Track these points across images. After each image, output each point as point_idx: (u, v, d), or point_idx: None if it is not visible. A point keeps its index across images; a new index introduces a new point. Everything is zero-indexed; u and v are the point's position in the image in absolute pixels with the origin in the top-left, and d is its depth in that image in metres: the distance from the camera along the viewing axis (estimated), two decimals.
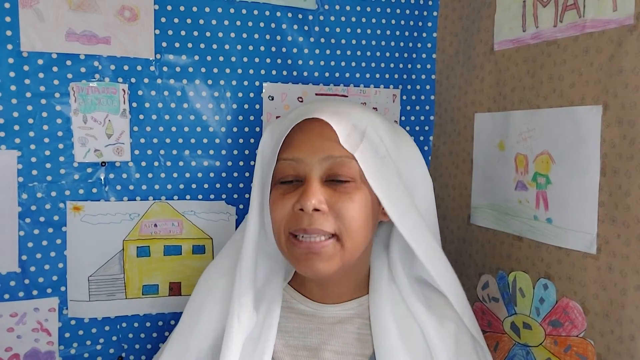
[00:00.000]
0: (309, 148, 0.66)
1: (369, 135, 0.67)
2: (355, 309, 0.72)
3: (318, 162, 0.65)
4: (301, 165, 0.66)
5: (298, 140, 0.67)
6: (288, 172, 0.67)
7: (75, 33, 0.85)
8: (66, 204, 0.87)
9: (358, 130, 0.66)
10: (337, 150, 0.65)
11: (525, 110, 0.84)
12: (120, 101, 0.89)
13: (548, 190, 0.79)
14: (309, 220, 0.64)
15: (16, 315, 0.86)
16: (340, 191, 0.65)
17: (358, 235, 0.66)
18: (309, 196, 0.63)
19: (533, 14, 0.82)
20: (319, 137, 0.66)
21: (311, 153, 0.65)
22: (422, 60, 1.07)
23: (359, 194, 0.66)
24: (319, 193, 0.64)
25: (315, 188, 0.64)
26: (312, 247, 0.65)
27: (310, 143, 0.66)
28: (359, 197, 0.66)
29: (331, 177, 0.66)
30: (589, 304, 0.73)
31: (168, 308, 0.95)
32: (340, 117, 0.66)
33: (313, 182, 0.65)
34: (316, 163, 0.65)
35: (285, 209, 0.66)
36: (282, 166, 0.67)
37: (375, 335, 0.68)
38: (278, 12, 0.97)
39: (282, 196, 0.67)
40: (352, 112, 0.69)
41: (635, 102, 0.67)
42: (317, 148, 0.65)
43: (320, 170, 0.66)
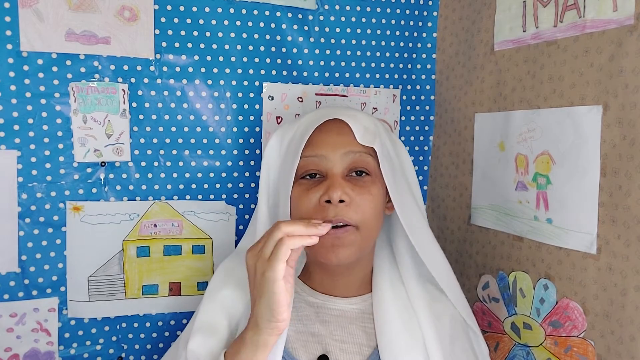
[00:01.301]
0: (331, 145, 0.72)
1: (380, 134, 0.75)
2: (360, 305, 0.76)
3: (340, 157, 0.72)
4: (323, 161, 0.72)
5: (319, 139, 0.72)
6: (311, 167, 0.72)
7: (75, 33, 0.85)
8: (66, 204, 0.87)
9: (371, 130, 0.73)
10: (356, 146, 0.72)
11: (526, 111, 0.84)
12: (120, 101, 0.89)
13: (548, 191, 0.79)
14: (334, 211, 0.69)
15: (16, 316, 0.86)
16: (359, 185, 0.72)
17: (373, 226, 0.73)
18: (336, 188, 0.69)
19: (533, 14, 0.82)
20: (339, 135, 0.72)
21: (333, 149, 0.72)
22: (422, 60, 1.07)
23: (375, 187, 0.73)
24: (343, 185, 0.70)
25: (340, 181, 0.70)
26: (337, 236, 0.70)
27: (332, 140, 0.72)
28: (375, 190, 0.73)
29: (352, 170, 0.72)
30: (589, 305, 0.73)
31: (168, 308, 0.95)
32: (354, 119, 0.73)
33: (337, 175, 0.71)
34: (338, 159, 0.72)
35: (311, 202, 0.71)
36: (305, 162, 0.72)
37: (377, 327, 0.72)
38: (278, 12, 0.97)
39: (306, 191, 0.72)
40: (361, 116, 0.76)
41: (635, 103, 0.66)
42: (338, 144, 0.72)
43: (342, 166, 0.72)
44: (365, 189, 0.71)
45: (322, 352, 0.70)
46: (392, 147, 0.78)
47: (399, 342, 0.70)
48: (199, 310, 0.75)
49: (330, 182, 0.70)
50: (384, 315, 0.73)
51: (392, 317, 0.73)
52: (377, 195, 0.73)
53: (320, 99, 1.01)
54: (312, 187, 0.71)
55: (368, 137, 0.71)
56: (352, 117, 0.73)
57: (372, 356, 0.70)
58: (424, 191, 1.10)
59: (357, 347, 0.71)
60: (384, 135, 0.77)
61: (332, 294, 0.76)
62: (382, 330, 0.72)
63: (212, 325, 0.72)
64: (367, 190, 0.72)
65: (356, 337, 0.72)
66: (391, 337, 0.71)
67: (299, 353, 0.70)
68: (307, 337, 0.72)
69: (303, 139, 0.72)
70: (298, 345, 0.71)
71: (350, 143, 0.72)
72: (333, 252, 0.71)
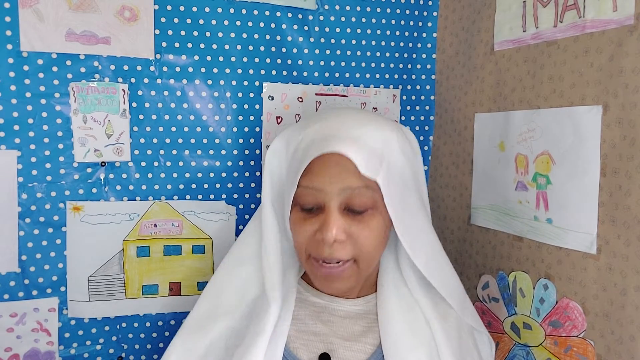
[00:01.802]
0: (328, 178, 0.67)
1: (387, 157, 0.68)
2: (364, 305, 0.75)
3: (337, 192, 0.67)
4: (321, 194, 0.67)
5: (317, 168, 0.68)
6: (308, 199, 0.68)
7: (75, 33, 0.85)
8: (66, 204, 0.87)
9: (376, 154, 0.67)
10: (355, 181, 0.66)
11: (526, 111, 0.84)
12: (120, 101, 0.89)
13: (548, 191, 0.79)
14: (329, 250, 0.67)
15: (16, 316, 0.86)
16: (358, 220, 0.68)
17: (373, 258, 0.71)
18: (330, 228, 0.66)
19: (533, 14, 0.82)
20: (337, 167, 0.67)
21: (330, 183, 0.67)
22: (422, 60, 1.07)
23: (375, 220, 0.69)
24: (338, 224, 0.66)
25: (335, 219, 0.66)
26: (332, 272, 0.69)
27: (329, 173, 0.67)
28: (375, 223, 0.69)
29: (349, 207, 0.68)
30: (589, 305, 0.73)
31: (168, 308, 0.95)
32: (357, 144, 0.66)
33: (332, 212, 0.67)
34: (335, 194, 0.67)
35: (306, 234, 0.69)
36: (302, 193, 0.69)
37: (381, 325, 0.72)
38: (278, 12, 0.97)
39: (303, 221, 0.69)
40: (368, 132, 0.69)
41: (635, 103, 0.67)
42: (335, 179, 0.67)
43: (338, 200, 0.67)
44: (364, 224, 0.68)
45: (324, 350, 0.70)
46: (405, 161, 0.72)
47: (403, 341, 0.70)
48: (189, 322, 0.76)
49: (325, 219, 0.67)
50: (388, 315, 0.73)
51: (396, 316, 0.72)
52: (377, 228, 0.69)
53: (320, 99, 1.01)
54: (309, 218, 0.69)
55: (372, 166, 0.65)
56: (355, 144, 0.66)
57: (375, 354, 0.70)
58: None
59: (361, 345, 0.71)
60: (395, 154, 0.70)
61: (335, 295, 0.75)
62: (387, 329, 0.71)
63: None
64: (366, 225, 0.68)
65: (359, 336, 0.72)
66: (395, 337, 0.71)
67: (300, 352, 0.70)
68: (309, 336, 0.72)
69: (300, 168, 0.67)
70: (299, 344, 0.71)
71: (349, 177, 0.66)
72: (327, 285, 0.71)
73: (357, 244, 0.68)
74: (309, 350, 0.70)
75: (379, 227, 0.69)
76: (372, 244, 0.69)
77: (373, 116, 0.73)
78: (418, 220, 0.72)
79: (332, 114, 0.73)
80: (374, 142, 0.68)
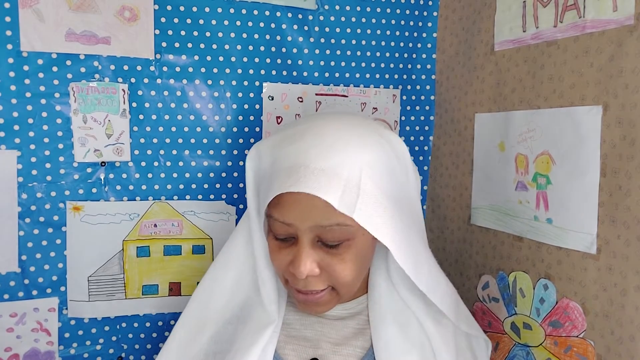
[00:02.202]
0: (298, 214, 0.63)
1: (365, 185, 0.62)
2: (355, 308, 0.74)
3: (308, 229, 0.63)
4: (292, 228, 0.64)
5: (286, 202, 0.63)
6: (280, 232, 0.66)
7: (75, 33, 0.85)
8: (66, 204, 0.87)
9: (352, 185, 0.61)
10: (326, 219, 0.62)
11: (526, 111, 0.84)
12: (120, 101, 0.89)
13: (548, 191, 0.79)
14: (303, 283, 0.66)
15: (16, 316, 0.86)
16: (332, 253, 0.65)
17: (353, 284, 0.69)
18: (300, 266, 0.63)
19: (533, 14, 0.82)
20: (308, 203, 0.62)
21: (300, 220, 0.63)
22: (422, 60, 1.07)
23: (351, 251, 0.65)
24: (310, 260, 0.64)
25: (306, 255, 0.64)
26: (309, 298, 0.68)
27: (299, 209, 0.62)
28: (351, 254, 0.65)
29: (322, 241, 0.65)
30: (589, 305, 0.73)
31: (168, 308, 0.95)
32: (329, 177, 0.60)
33: (304, 248, 0.64)
34: (306, 229, 0.63)
35: (282, 262, 0.67)
36: (274, 225, 0.66)
37: (373, 328, 0.71)
38: (278, 12, 0.97)
39: (278, 250, 0.67)
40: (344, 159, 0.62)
41: (635, 103, 0.67)
42: (306, 215, 0.62)
43: (310, 235, 0.64)
44: (339, 257, 0.64)
45: (314, 355, 0.70)
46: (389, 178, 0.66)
47: (395, 344, 0.69)
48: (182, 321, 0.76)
49: (297, 254, 0.64)
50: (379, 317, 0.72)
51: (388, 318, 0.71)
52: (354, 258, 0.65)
53: (320, 99, 1.01)
54: (283, 247, 0.66)
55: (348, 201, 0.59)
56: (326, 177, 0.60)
57: (365, 357, 0.70)
58: (423, 191, 1.10)
59: (351, 349, 0.70)
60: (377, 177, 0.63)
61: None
62: (378, 332, 0.70)
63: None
64: (340, 258, 0.64)
65: (350, 339, 0.71)
66: (387, 339, 0.70)
67: (289, 358, 0.70)
68: (298, 341, 0.71)
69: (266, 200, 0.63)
70: (289, 349, 0.71)
71: (320, 215, 0.62)
72: (307, 309, 0.70)
73: (333, 276, 0.65)
74: (299, 356, 0.70)
75: (355, 256, 0.66)
76: (349, 275, 0.66)
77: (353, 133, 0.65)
78: (411, 237, 0.67)
79: (305, 132, 0.66)
80: (350, 171, 0.61)
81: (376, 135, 0.67)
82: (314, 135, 0.65)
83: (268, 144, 0.69)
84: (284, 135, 0.68)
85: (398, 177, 0.68)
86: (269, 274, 0.72)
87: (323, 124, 0.67)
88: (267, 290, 0.71)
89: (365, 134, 0.66)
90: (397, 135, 0.71)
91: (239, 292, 0.75)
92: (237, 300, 0.75)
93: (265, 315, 0.71)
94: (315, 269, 0.64)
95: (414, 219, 0.70)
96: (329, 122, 0.67)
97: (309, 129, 0.66)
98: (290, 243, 0.66)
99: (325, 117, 0.70)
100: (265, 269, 0.72)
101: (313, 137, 0.64)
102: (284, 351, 0.70)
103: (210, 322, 0.74)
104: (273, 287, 0.72)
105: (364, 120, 0.71)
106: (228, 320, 0.74)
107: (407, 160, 0.71)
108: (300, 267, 0.63)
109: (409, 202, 0.70)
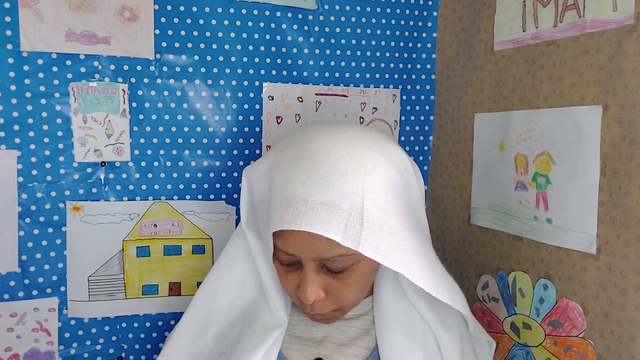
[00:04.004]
0: (300, 248, 0.62)
1: (368, 214, 0.59)
2: (361, 309, 0.75)
3: (312, 259, 0.63)
4: (296, 257, 0.64)
5: (289, 235, 0.62)
6: (285, 259, 0.66)
7: (75, 33, 0.85)
8: (66, 204, 0.87)
9: (354, 216, 0.59)
10: (329, 252, 0.61)
11: (525, 111, 0.84)
12: (120, 101, 0.89)
13: (548, 191, 0.79)
14: (310, 307, 0.67)
15: (16, 315, 0.86)
16: (337, 278, 0.65)
17: (357, 302, 0.71)
18: (307, 293, 0.64)
19: (533, 14, 0.82)
20: (310, 238, 0.60)
21: (303, 252, 0.62)
22: (422, 60, 1.07)
23: (356, 274, 0.65)
24: (315, 286, 0.64)
25: (311, 282, 0.64)
26: (315, 317, 0.69)
27: (301, 243, 0.61)
28: (355, 277, 0.65)
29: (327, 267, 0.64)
30: (588, 305, 0.73)
31: (168, 308, 0.95)
32: (331, 211, 0.58)
33: (308, 275, 0.64)
34: (310, 260, 0.63)
35: (290, 285, 0.68)
36: (279, 253, 0.65)
37: (378, 328, 0.71)
38: (278, 12, 0.97)
39: (285, 274, 0.67)
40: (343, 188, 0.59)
41: (635, 103, 0.67)
42: (307, 249, 0.61)
43: (314, 263, 0.64)
44: (343, 282, 0.65)
45: (318, 356, 0.70)
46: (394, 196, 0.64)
47: (400, 344, 0.70)
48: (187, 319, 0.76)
49: (302, 281, 0.64)
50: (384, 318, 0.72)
51: (393, 319, 0.72)
52: (358, 280, 0.65)
53: (320, 99, 1.01)
54: (290, 271, 0.67)
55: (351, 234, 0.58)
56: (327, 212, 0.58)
57: (370, 358, 0.70)
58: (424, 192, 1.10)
59: (356, 349, 0.71)
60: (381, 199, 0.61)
61: None
62: (383, 332, 0.71)
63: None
64: (345, 283, 0.65)
65: (355, 339, 0.72)
66: (392, 340, 0.70)
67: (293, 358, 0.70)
68: (303, 341, 0.72)
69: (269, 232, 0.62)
70: (293, 350, 0.71)
71: (323, 248, 0.60)
72: (315, 324, 0.73)
73: (338, 299, 0.66)
74: (303, 356, 0.70)
75: (360, 278, 0.66)
76: (354, 296, 0.67)
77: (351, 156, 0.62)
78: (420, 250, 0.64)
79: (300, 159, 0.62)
80: (351, 203, 0.59)
81: (374, 152, 0.64)
82: (310, 163, 0.61)
83: (262, 168, 0.68)
84: (277, 160, 0.66)
85: (401, 193, 0.66)
86: (273, 282, 0.72)
87: (318, 147, 0.63)
88: (273, 297, 0.72)
89: (363, 154, 0.63)
90: (395, 145, 0.69)
91: (243, 294, 0.75)
92: (242, 302, 0.75)
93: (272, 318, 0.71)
94: (321, 293, 0.65)
95: (419, 228, 0.69)
96: (324, 143, 0.63)
97: (303, 154, 0.63)
98: (296, 267, 0.66)
99: (319, 136, 0.65)
100: (268, 276, 0.72)
101: (309, 164, 0.61)
102: (289, 351, 0.71)
103: (214, 321, 0.74)
104: (279, 292, 0.72)
105: (362, 134, 0.67)
106: (232, 322, 0.74)
107: (409, 170, 0.69)
108: (307, 294, 0.64)
109: (414, 214, 0.69)
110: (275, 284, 0.72)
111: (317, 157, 0.62)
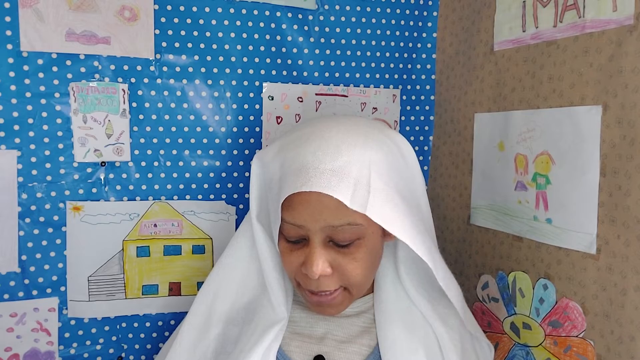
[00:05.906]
0: (309, 216, 0.64)
1: (374, 183, 0.63)
2: (361, 306, 0.75)
3: (319, 229, 0.64)
4: (302, 229, 0.65)
5: (297, 204, 0.64)
6: (292, 234, 0.67)
7: (75, 33, 0.85)
8: (66, 204, 0.87)
9: (362, 183, 0.62)
10: (337, 219, 0.63)
11: (525, 111, 0.84)
12: (120, 101, 0.89)
13: (548, 191, 0.79)
14: (316, 283, 0.67)
15: (16, 315, 0.86)
16: (343, 252, 0.66)
17: (364, 283, 0.70)
18: (313, 266, 0.64)
19: (533, 14, 0.82)
20: (319, 205, 0.63)
21: (311, 221, 0.64)
22: (422, 60, 1.07)
23: (362, 250, 0.66)
24: (322, 260, 0.65)
25: (318, 255, 0.65)
26: (322, 300, 0.68)
27: (310, 211, 0.63)
28: (362, 253, 0.66)
29: (333, 241, 0.66)
30: (588, 305, 0.73)
31: (168, 308, 0.95)
32: (339, 177, 0.61)
33: (315, 248, 0.65)
34: (318, 230, 0.64)
35: (293, 264, 0.68)
36: (285, 227, 0.67)
37: (379, 326, 0.72)
38: (278, 12, 0.97)
39: (289, 252, 0.68)
40: (351, 159, 0.63)
41: (635, 103, 0.67)
42: (316, 217, 0.63)
43: (321, 235, 0.65)
44: (350, 256, 0.66)
45: (319, 352, 0.70)
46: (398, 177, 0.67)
47: (401, 343, 0.70)
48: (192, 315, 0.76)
49: (309, 255, 0.65)
50: (385, 316, 0.72)
51: (395, 317, 0.72)
52: (364, 257, 0.66)
53: (320, 99, 1.01)
54: (295, 249, 0.68)
55: (359, 198, 0.61)
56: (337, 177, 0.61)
57: (371, 356, 0.70)
58: None
59: (357, 347, 0.71)
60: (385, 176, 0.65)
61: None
62: (384, 331, 0.71)
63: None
64: (352, 257, 0.66)
65: (356, 337, 0.72)
66: (394, 338, 0.70)
67: (294, 354, 0.70)
68: (303, 338, 0.72)
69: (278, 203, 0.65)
70: (294, 346, 0.71)
71: (331, 215, 0.63)
72: (319, 310, 0.71)
73: (345, 275, 0.67)
74: (303, 353, 0.70)
75: (366, 255, 0.67)
76: (361, 274, 0.67)
77: (358, 134, 0.67)
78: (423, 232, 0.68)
79: (311, 135, 0.67)
80: (359, 171, 0.63)
81: (380, 134, 0.69)
82: (319, 138, 0.65)
83: (273, 150, 0.70)
84: (288, 140, 0.69)
85: (404, 175, 0.69)
86: (276, 276, 0.72)
87: (327, 127, 0.68)
88: (274, 293, 0.72)
89: (370, 133, 0.68)
90: (401, 135, 0.72)
91: (244, 294, 0.76)
92: (242, 302, 0.75)
93: (272, 314, 0.71)
94: (327, 268, 0.65)
95: (423, 218, 0.72)
96: (333, 125, 0.68)
97: (314, 132, 0.67)
98: (302, 245, 0.67)
99: (328, 120, 0.71)
100: (272, 272, 0.72)
101: (319, 139, 0.65)
102: (289, 348, 0.71)
103: (216, 321, 0.74)
104: (281, 288, 0.72)
105: (366, 121, 0.72)
106: (233, 321, 0.74)
107: (413, 159, 0.72)
108: (313, 267, 0.64)
109: (417, 201, 0.71)
110: (278, 280, 0.72)
111: (327, 133, 0.66)
